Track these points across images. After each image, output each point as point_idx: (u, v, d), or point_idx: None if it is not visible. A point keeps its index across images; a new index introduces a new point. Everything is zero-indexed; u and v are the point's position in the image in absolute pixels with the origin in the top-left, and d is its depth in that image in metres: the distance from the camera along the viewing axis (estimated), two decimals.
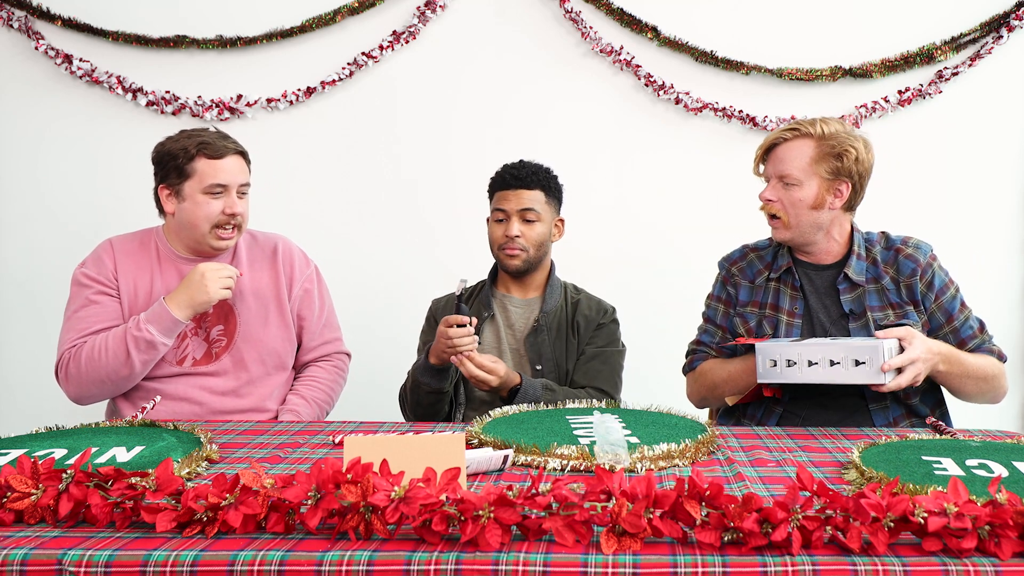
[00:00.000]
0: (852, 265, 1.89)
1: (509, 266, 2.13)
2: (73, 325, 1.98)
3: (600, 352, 2.12)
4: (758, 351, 1.64)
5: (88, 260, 2.06)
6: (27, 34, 3.00)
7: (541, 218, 2.11)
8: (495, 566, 0.94)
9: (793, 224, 1.87)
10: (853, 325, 1.88)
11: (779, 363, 1.62)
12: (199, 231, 2.00)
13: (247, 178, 2.04)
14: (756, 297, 1.98)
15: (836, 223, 1.90)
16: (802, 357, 1.61)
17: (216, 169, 1.97)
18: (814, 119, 1.86)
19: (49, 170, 3.07)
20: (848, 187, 1.85)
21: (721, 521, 0.97)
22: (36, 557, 0.96)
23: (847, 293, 1.89)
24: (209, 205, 1.97)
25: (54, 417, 1.95)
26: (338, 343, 2.22)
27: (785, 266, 1.95)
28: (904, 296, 1.87)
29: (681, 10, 3.06)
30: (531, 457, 1.37)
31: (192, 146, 1.97)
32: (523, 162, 2.16)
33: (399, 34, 3.04)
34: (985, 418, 2.43)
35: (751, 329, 1.96)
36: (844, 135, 1.83)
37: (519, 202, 2.10)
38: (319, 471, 1.03)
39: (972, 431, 1.65)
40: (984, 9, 3.03)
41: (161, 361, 1.99)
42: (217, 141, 1.99)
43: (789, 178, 1.84)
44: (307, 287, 2.15)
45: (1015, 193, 3.09)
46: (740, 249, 2.07)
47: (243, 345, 2.05)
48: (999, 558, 0.94)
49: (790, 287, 1.95)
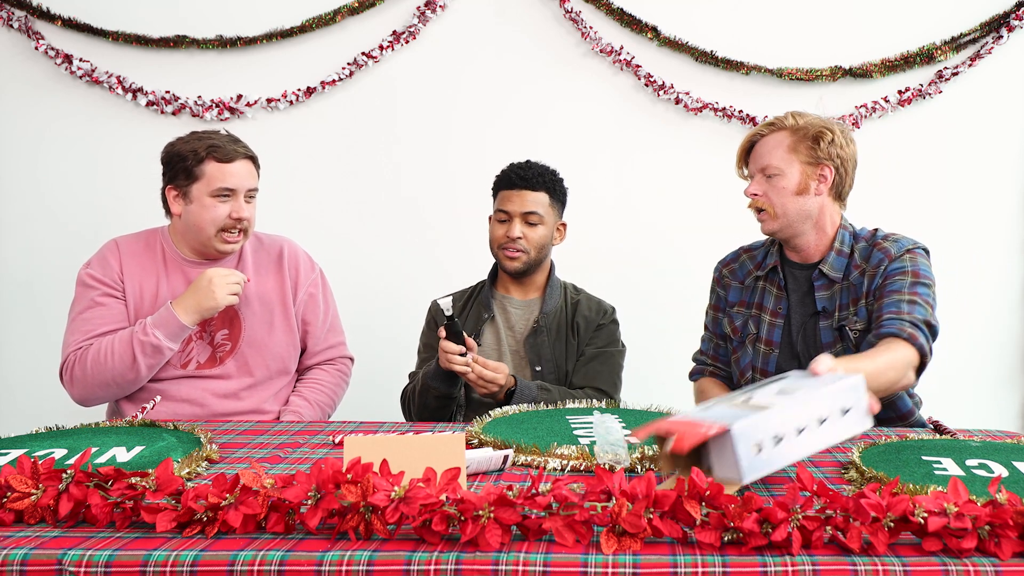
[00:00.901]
0: (829, 261, 1.86)
1: (508, 267, 2.12)
2: (78, 327, 1.98)
3: (600, 353, 2.12)
4: (736, 439, 1.10)
5: (93, 261, 2.05)
6: (27, 34, 3.00)
7: (544, 221, 2.11)
8: (495, 566, 0.94)
9: (780, 214, 1.85)
10: (823, 323, 1.86)
11: (765, 445, 1.12)
12: (205, 234, 1.99)
13: (255, 183, 2.04)
14: (744, 297, 1.99)
15: (826, 214, 1.87)
16: (788, 426, 1.15)
17: (225, 173, 1.96)
18: (787, 113, 1.87)
19: (49, 170, 3.07)
20: (831, 171, 1.83)
21: (721, 521, 0.97)
22: (36, 557, 0.96)
23: (822, 290, 1.87)
24: (216, 208, 1.97)
25: (54, 417, 1.95)
26: (342, 347, 2.22)
27: (771, 264, 1.95)
28: (865, 288, 1.82)
29: (681, 10, 3.06)
30: (531, 457, 1.37)
31: (202, 148, 1.96)
32: (530, 163, 2.15)
33: (399, 34, 3.04)
34: (985, 418, 2.44)
35: (736, 329, 1.97)
36: (819, 122, 1.84)
37: (523, 204, 2.09)
38: (319, 471, 1.03)
39: (972, 431, 1.65)
40: (984, 9, 3.02)
41: (165, 364, 1.99)
42: (227, 145, 1.98)
43: (769, 168, 1.84)
44: (312, 292, 2.15)
45: (1015, 193, 3.09)
46: (735, 251, 2.08)
47: (248, 350, 2.05)
48: (999, 558, 0.94)
49: (776, 286, 1.94)
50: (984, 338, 3.05)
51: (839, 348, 1.84)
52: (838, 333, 1.84)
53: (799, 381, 1.31)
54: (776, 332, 1.91)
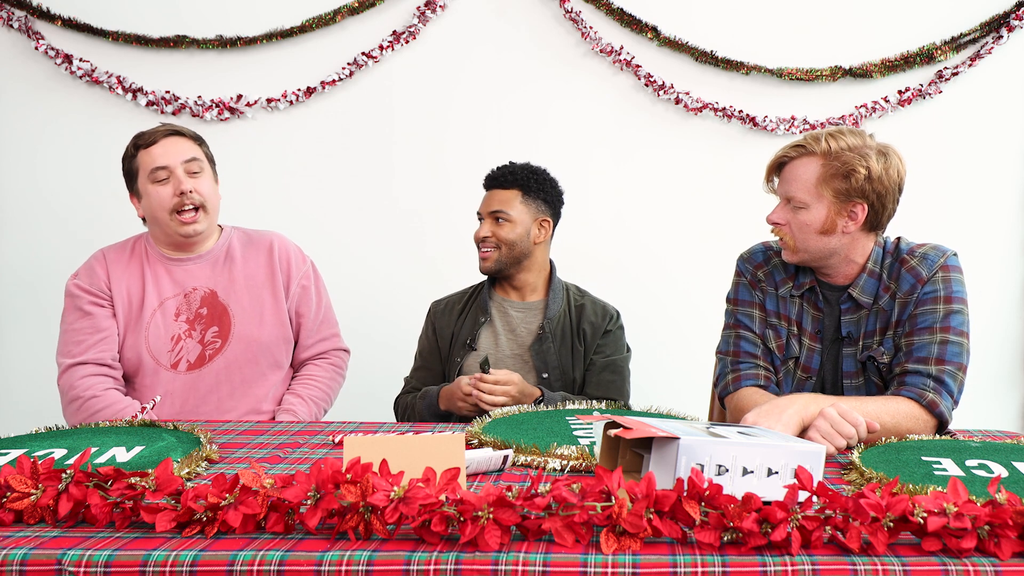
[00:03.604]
0: (860, 284, 1.70)
1: (481, 267, 2.14)
2: (70, 338, 1.99)
3: (610, 363, 2.11)
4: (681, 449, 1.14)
5: (81, 271, 2.06)
6: (27, 34, 3.00)
7: (512, 219, 2.10)
8: (495, 566, 0.94)
9: (801, 248, 1.70)
10: (847, 350, 1.72)
11: (707, 468, 1.14)
12: (162, 221, 2.01)
13: (193, 153, 2.02)
14: (782, 309, 1.79)
15: (857, 247, 1.70)
16: (736, 462, 1.17)
17: (151, 155, 1.99)
18: (820, 134, 1.66)
19: (49, 170, 3.07)
20: (864, 208, 1.64)
21: (720, 521, 0.97)
22: (36, 557, 0.96)
23: (849, 314, 1.72)
24: (159, 192, 1.99)
25: (54, 417, 1.95)
26: (336, 339, 2.21)
27: (808, 284, 1.76)
28: (896, 316, 1.67)
29: (681, 10, 3.06)
30: (531, 457, 1.36)
31: (131, 145, 2.03)
32: (510, 163, 2.17)
33: (399, 34, 3.04)
34: (985, 418, 2.44)
35: (782, 345, 1.77)
36: (853, 152, 1.62)
37: (489, 204, 2.13)
38: (319, 471, 1.03)
39: (972, 431, 1.65)
40: (984, 9, 3.03)
41: (156, 365, 1.99)
42: (151, 130, 2.03)
43: (795, 200, 1.67)
44: (304, 284, 2.15)
45: (1015, 193, 3.09)
46: (761, 249, 1.86)
47: (237, 345, 2.04)
48: (999, 558, 0.94)
49: (813, 307, 1.77)
50: (984, 338, 3.04)
51: (860, 380, 1.72)
52: (862, 365, 1.71)
53: (763, 431, 1.31)
54: (815, 359, 1.75)
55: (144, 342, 1.99)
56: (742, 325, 1.81)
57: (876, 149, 1.64)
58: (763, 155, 1.82)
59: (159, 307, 2.02)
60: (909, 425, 1.57)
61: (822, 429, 1.44)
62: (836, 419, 1.45)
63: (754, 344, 1.79)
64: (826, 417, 1.45)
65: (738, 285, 1.85)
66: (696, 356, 2.61)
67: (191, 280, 2.05)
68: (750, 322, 1.80)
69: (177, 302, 2.03)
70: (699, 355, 2.51)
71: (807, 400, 1.51)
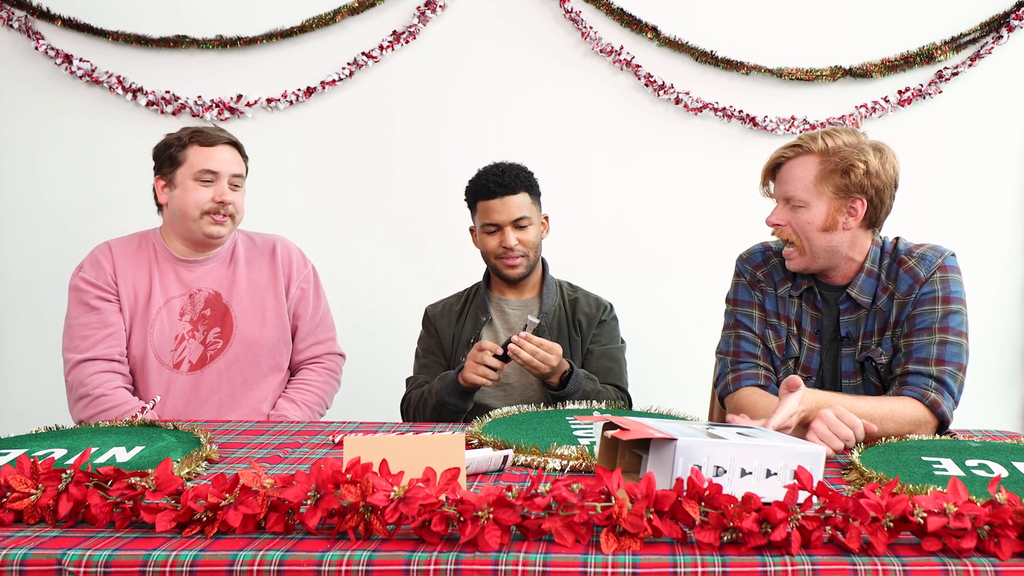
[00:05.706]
0: (859, 284, 1.72)
1: (511, 276, 2.10)
2: (77, 332, 1.98)
3: (607, 350, 2.12)
4: (679, 450, 1.14)
5: (86, 264, 2.04)
6: (27, 34, 3.00)
7: (532, 221, 2.09)
8: (495, 566, 0.94)
9: (807, 250, 1.69)
10: (845, 350, 1.73)
11: (705, 469, 1.14)
12: (190, 218, 2.00)
13: (240, 169, 2.04)
14: (782, 310, 1.80)
15: (857, 244, 1.71)
16: (734, 463, 1.17)
17: (207, 156, 1.98)
18: (817, 133, 1.69)
19: (49, 170, 3.07)
20: (863, 204, 1.66)
21: (720, 521, 0.97)
22: (36, 557, 0.96)
23: (848, 314, 1.73)
24: (199, 192, 1.98)
25: (54, 417, 1.95)
26: (331, 343, 2.21)
27: (806, 285, 1.78)
28: (894, 317, 1.68)
29: (681, 10, 3.06)
30: (531, 457, 1.37)
31: (186, 135, 2.00)
32: (501, 166, 2.11)
33: (399, 34, 3.04)
34: (985, 418, 2.44)
35: (782, 345, 1.78)
36: (850, 148, 1.64)
37: (509, 212, 2.06)
38: (319, 471, 1.03)
39: (972, 431, 1.65)
40: (984, 9, 3.03)
41: (158, 364, 1.99)
42: (211, 131, 2.01)
43: (795, 199, 1.68)
44: (303, 287, 2.15)
45: (1015, 193, 3.09)
46: (760, 250, 1.87)
47: (239, 347, 2.04)
48: (999, 558, 0.94)
49: (811, 307, 1.78)
50: (984, 338, 3.04)
51: (859, 380, 1.73)
52: (860, 365, 1.72)
53: (762, 432, 1.30)
54: (814, 358, 1.75)
55: (149, 340, 1.99)
56: (742, 325, 1.82)
57: (872, 146, 1.67)
58: (763, 155, 1.82)
59: (165, 305, 2.02)
60: (912, 425, 1.57)
61: (819, 431, 1.45)
62: (833, 421, 1.45)
63: (754, 344, 1.79)
64: (823, 419, 1.45)
65: (737, 285, 1.86)
66: (696, 356, 2.61)
67: (197, 281, 2.05)
68: (750, 322, 1.81)
69: (182, 302, 2.03)
70: (699, 355, 2.51)
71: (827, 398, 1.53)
